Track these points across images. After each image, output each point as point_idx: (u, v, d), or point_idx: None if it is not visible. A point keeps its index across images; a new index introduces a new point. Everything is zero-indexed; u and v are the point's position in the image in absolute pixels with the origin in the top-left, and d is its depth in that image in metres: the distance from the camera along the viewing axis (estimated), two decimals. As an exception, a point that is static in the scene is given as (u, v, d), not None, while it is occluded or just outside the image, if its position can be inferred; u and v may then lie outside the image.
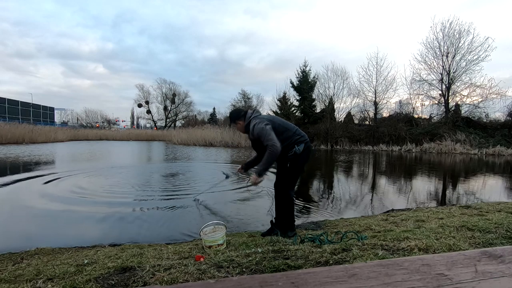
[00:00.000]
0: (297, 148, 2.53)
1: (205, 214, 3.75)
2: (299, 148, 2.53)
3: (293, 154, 2.53)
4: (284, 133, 2.55)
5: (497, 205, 3.63)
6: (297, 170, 2.61)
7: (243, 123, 2.71)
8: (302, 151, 2.54)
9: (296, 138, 2.58)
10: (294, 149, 2.53)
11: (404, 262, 0.78)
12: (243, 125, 2.71)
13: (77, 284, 1.48)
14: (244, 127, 2.69)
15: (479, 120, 19.60)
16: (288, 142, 2.54)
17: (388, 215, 3.43)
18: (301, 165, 2.61)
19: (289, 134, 2.58)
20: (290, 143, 2.54)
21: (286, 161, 2.59)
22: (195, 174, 7.64)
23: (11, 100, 43.81)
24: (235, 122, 2.78)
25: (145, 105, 47.05)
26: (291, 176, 2.60)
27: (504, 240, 1.95)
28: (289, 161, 2.58)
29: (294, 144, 2.55)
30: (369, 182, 6.97)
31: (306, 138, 2.63)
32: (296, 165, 2.58)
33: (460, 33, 19.50)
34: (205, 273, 1.51)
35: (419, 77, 21.65)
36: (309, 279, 0.69)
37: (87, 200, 4.41)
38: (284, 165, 2.63)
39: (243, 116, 2.73)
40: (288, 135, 2.57)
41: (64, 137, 25.79)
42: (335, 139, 21.11)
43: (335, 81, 23.54)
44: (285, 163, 2.61)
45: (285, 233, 2.54)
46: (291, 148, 2.54)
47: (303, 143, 2.57)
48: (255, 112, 2.74)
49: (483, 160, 12.59)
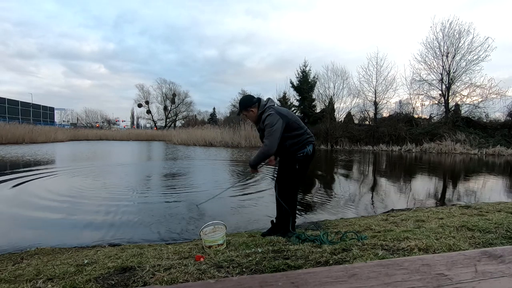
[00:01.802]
0: (308, 149, 2.44)
1: (205, 214, 3.75)
2: (309, 149, 2.45)
3: (304, 155, 2.43)
4: (296, 130, 2.45)
5: (497, 205, 3.63)
6: (304, 172, 2.54)
7: (257, 111, 2.50)
8: (311, 153, 2.47)
9: (307, 137, 2.49)
10: (305, 150, 2.43)
11: (404, 262, 0.78)
12: (256, 113, 2.50)
13: (77, 284, 1.48)
14: (258, 116, 2.49)
15: (479, 120, 19.59)
16: (298, 140, 2.44)
17: (388, 215, 3.43)
18: (308, 166, 2.54)
19: (301, 132, 2.48)
20: (300, 141, 2.45)
21: (294, 162, 2.46)
22: (195, 173, 7.64)
23: (11, 100, 43.79)
24: (246, 109, 2.53)
25: (145, 105, 47.07)
26: (298, 178, 2.52)
27: (504, 240, 1.95)
28: (298, 162, 2.45)
29: (304, 144, 2.45)
30: (369, 182, 6.97)
31: (314, 139, 2.57)
32: (304, 167, 2.50)
33: (460, 33, 19.52)
34: (205, 273, 1.51)
35: (419, 77, 21.68)
36: (309, 279, 0.69)
37: (87, 200, 4.41)
38: (291, 165, 2.47)
39: (256, 103, 2.51)
40: (300, 133, 2.47)
41: (64, 137, 25.81)
42: (335, 139, 21.11)
43: (335, 81, 23.57)
44: (293, 164, 2.46)
45: (286, 233, 2.54)
46: (301, 148, 2.43)
47: (312, 144, 2.50)
48: (270, 101, 2.53)
49: (483, 160, 12.59)
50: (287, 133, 2.42)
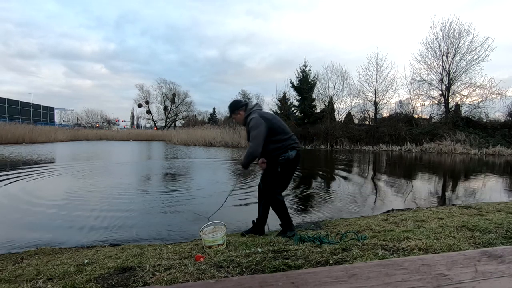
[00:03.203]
0: (290, 153, 2.52)
1: (205, 214, 3.75)
2: (291, 154, 2.52)
3: (285, 159, 2.51)
4: (279, 135, 2.54)
5: (497, 205, 3.63)
6: (287, 175, 2.60)
7: (244, 113, 2.66)
8: (294, 158, 2.54)
9: (291, 143, 2.56)
10: (287, 154, 2.51)
11: (404, 262, 0.78)
12: (243, 115, 2.66)
13: (77, 284, 1.48)
14: (244, 118, 2.65)
15: (479, 120, 19.60)
16: (281, 145, 2.52)
17: (388, 215, 3.43)
18: (291, 171, 2.60)
19: (285, 137, 2.56)
20: (283, 146, 2.52)
21: (276, 165, 2.55)
22: (195, 173, 7.64)
23: (11, 100, 43.78)
24: (235, 112, 2.70)
25: (145, 105, 47.03)
26: (280, 180, 2.58)
27: (504, 240, 1.95)
28: (280, 165, 2.54)
29: (287, 148, 2.53)
30: (369, 182, 6.97)
31: (298, 146, 2.64)
32: (286, 171, 2.57)
33: (460, 33, 19.55)
34: (205, 273, 1.51)
35: (419, 77, 21.70)
36: (309, 279, 0.69)
37: (87, 200, 4.41)
38: (273, 168, 2.57)
39: (243, 107, 2.68)
40: (283, 138, 2.55)
41: (64, 137, 25.81)
42: (335, 139, 21.11)
43: (335, 81, 23.59)
44: (275, 167, 2.56)
45: (285, 233, 2.54)
46: (283, 152, 2.52)
47: (295, 150, 2.56)
48: (257, 105, 2.69)
49: (483, 160, 12.59)
50: (271, 137, 2.52)
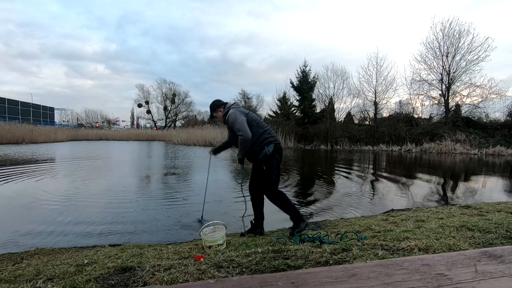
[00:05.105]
0: (266, 149, 2.60)
1: (205, 214, 3.75)
2: (268, 149, 2.60)
3: (263, 156, 2.60)
4: (253, 129, 2.64)
5: (497, 205, 3.63)
6: (273, 170, 2.65)
7: (223, 111, 2.84)
8: (272, 152, 2.61)
9: (266, 137, 2.65)
10: (264, 151, 2.60)
11: (404, 262, 0.78)
12: (223, 113, 2.83)
13: (77, 284, 1.48)
14: (223, 116, 2.82)
15: (479, 120, 19.60)
16: (257, 139, 2.62)
17: (388, 215, 3.43)
18: (275, 165, 2.66)
19: (259, 131, 2.66)
20: (259, 140, 2.62)
21: (259, 163, 2.64)
22: (195, 173, 7.64)
23: (11, 100, 43.76)
24: (216, 110, 2.87)
25: (145, 105, 47.04)
26: (268, 177, 2.63)
27: (504, 240, 1.95)
28: (262, 164, 2.63)
29: (263, 144, 2.62)
30: (369, 182, 6.97)
31: (276, 139, 2.71)
32: (270, 166, 2.63)
33: (460, 33, 19.54)
34: (205, 273, 1.51)
35: (419, 77, 21.69)
36: (309, 279, 0.69)
37: (86, 199, 4.41)
38: (258, 167, 2.67)
39: (223, 105, 2.87)
40: (258, 132, 2.65)
41: (64, 137, 25.82)
42: (335, 139, 21.11)
43: (335, 81, 23.59)
44: (260, 166, 2.65)
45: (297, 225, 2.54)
46: (261, 148, 2.61)
47: (272, 144, 2.64)
48: (235, 104, 2.88)
49: (483, 160, 12.59)
50: None
